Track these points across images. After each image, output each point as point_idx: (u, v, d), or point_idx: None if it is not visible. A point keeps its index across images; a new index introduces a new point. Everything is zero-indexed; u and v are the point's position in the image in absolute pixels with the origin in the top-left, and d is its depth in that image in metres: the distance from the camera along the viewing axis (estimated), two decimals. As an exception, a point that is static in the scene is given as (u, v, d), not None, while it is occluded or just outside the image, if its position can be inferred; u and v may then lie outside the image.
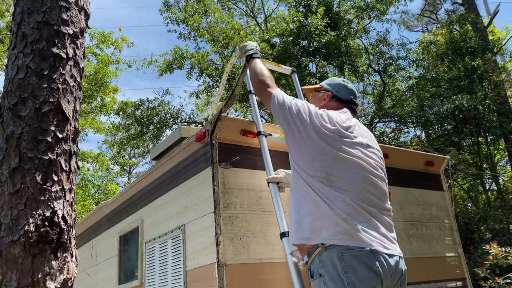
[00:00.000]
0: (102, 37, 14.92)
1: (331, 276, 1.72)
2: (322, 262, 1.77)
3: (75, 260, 1.58)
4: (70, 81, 1.73)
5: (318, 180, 1.88)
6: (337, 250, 1.74)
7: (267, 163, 2.72)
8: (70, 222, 1.56)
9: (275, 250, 2.83)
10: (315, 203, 1.86)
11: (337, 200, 1.82)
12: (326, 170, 1.88)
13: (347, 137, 1.97)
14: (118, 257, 4.13)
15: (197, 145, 3.02)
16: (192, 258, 2.91)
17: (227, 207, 2.78)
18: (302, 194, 1.94)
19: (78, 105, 1.77)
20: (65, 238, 1.50)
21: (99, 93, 14.86)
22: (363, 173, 1.92)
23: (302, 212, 1.91)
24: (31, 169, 1.51)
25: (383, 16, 16.32)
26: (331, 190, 1.84)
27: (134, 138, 14.91)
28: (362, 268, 1.70)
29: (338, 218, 1.78)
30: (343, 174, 1.87)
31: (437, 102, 10.40)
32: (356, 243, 1.74)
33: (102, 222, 4.80)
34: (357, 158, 1.93)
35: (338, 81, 2.37)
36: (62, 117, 1.65)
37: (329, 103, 2.29)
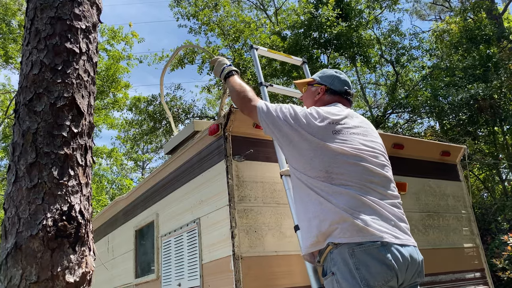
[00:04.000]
0: (112, 33, 15.00)
1: (344, 273, 1.68)
2: (334, 260, 1.73)
3: (93, 254, 1.59)
4: (84, 75, 1.73)
5: (319, 180, 1.83)
6: (347, 246, 1.70)
7: (280, 156, 2.71)
8: (87, 217, 1.56)
9: (291, 243, 2.82)
10: (319, 205, 1.81)
11: (342, 195, 1.77)
12: (326, 169, 1.83)
13: (340, 131, 1.92)
14: (134, 251, 4.17)
15: (211, 139, 3.02)
16: (208, 251, 2.92)
17: (241, 200, 2.77)
18: (305, 199, 1.90)
19: (92, 99, 1.77)
20: (82, 232, 1.51)
21: (111, 89, 14.96)
22: (363, 164, 1.86)
23: (308, 216, 1.86)
24: (47, 164, 1.52)
25: (394, 6, 16.11)
26: (333, 187, 1.80)
27: (147, 134, 15.01)
28: (374, 263, 1.65)
29: (345, 214, 1.73)
30: (343, 169, 1.82)
31: (452, 91, 10.23)
32: (366, 238, 1.68)
33: (117, 217, 4.85)
34: (354, 149, 1.88)
35: (330, 73, 2.31)
36: (77, 112, 1.66)
37: (323, 96, 2.23)
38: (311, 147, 1.89)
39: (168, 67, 13.80)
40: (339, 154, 1.85)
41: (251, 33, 12.12)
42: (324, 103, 2.17)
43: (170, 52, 15.11)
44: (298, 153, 1.93)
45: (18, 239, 1.43)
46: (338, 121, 1.96)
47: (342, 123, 1.96)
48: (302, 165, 1.92)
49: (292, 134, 1.95)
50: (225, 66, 2.49)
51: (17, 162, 1.55)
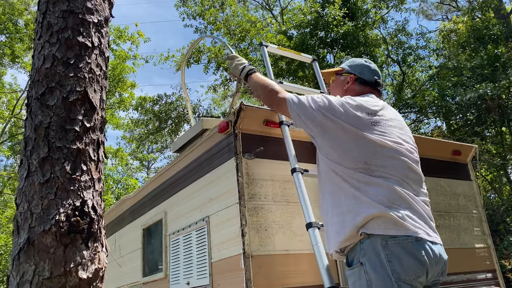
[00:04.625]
0: (118, 32, 15.03)
1: (374, 265, 1.64)
2: (364, 250, 1.68)
3: (105, 250, 1.57)
4: (96, 70, 1.71)
5: (357, 171, 1.78)
6: (380, 238, 1.66)
7: (290, 153, 2.68)
8: (99, 212, 1.54)
9: (302, 242, 2.79)
10: (353, 199, 1.76)
11: (380, 187, 1.73)
12: (365, 160, 1.78)
13: (379, 122, 1.86)
14: (142, 249, 4.15)
15: (220, 136, 2.99)
16: (217, 250, 2.90)
17: (251, 198, 2.74)
18: (337, 192, 1.84)
19: (104, 94, 1.75)
20: (95, 228, 1.49)
21: (117, 89, 14.99)
22: (402, 159, 1.82)
23: (341, 210, 1.80)
24: (60, 159, 1.50)
25: (401, 5, 16.04)
26: (372, 178, 1.75)
27: (153, 133, 15.02)
28: (407, 256, 1.62)
29: (381, 206, 1.69)
30: (382, 161, 1.78)
31: (460, 91, 10.15)
32: (401, 231, 1.65)
33: (124, 216, 4.84)
34: (394, 143, 1.83)
35: (360, 62, 2.24)
36: (89, 106, 1.64)
37: (353, 86, 2.17)
38: (349, 137, 1.83)
39: (174, 67, 13.82)
40: (379, 146, 1.80)
41: (257, 33, 12.09)
42: (354, 93, 2.09)
43: (176, 52, 15.14)
44: (335, 143, 1.87)
45: (31, 234, 1.41)
46: (376, 112, 1.90)
47: (379, 115, 1.90)
48: (338, 156, 1.85)
49: (328, 123, 1.88)
50: (246, 65, 2.44)
51: (29, 156, 1.53)
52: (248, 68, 2.41)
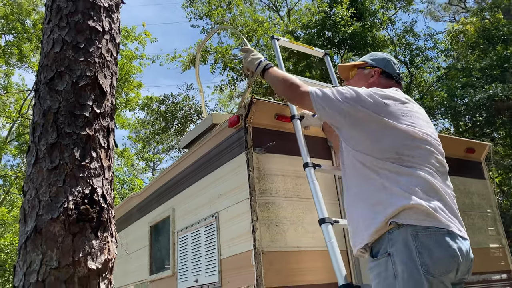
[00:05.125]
0: (125, 32, 15.03)
1: (402, 256, 1.56)
2: (393, 240, 1.60)
3: (115, 241, 1.51)
4: (107, 55, 1.65)
5: (388, 162, 1.71)
6: (411, 228, 1.58)
7: (302, 147, 2.61)
8: (109, 201, 1.48)
9: (314, 238, 2.72)
10: (383, 190, 1.69)
11: (413, 177, 1.67)
12: (396, 150, 1.72)
13: (408, 113, 1.82)
14: (149, 247, 4.09)
15: (230, 131, 2.93)
16: (227, 246, 2.83)
17: (262, 193, 2.68)
18: (365, 185, 1.77)
19: (115, 80, 1.70)
20: (105, 217, 1.43)
21: (124, 89, 14.99)
22: (431, 149, 1.77)
23: (370, 202, 1.73)
24: (69, 145, 1.45)
25: (409, 6, 15.94)
26: (403, 168, 1.69)
27: (159, 133, 15.00)
28: (438, 249, 1.54)
29: (413, 197, 1.62)
30: (414, 152, 1.72)
31: (470, 91, 10.03)
32: (433, 223, 1.58)
33: (131, 213, 4.79)
34: (423, 134, 1.78)
35: (383, 56, 2.21)
36: (100, 92, 1.58)
37: (378, 79, 2.11)
38: (379, 127, 1.77)
39: (181, 68, 13.79)
40: (410, 136, 1.75)
41: (264, 33, 12.04)
42: (380, 87, 2.03)
43: (183, 52, 15.11)
44: (364, 133, 1.81)
45: (38, 222, 1.35)
46: (405, 103, 1.86)
47: (407, 107, 1.86)
48: (367, 146, 1.79)
49: (357, 114, 1.82)
50: (262, 60, 2.39)
51: (37, 143, 1.47)
52: (264, 63, 2.36)
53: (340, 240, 2.83)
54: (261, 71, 2.35)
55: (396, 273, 1.55)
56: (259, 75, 2.40)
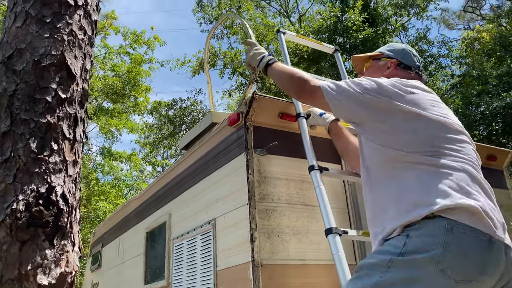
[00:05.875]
0: (135, 36, 14.96)
1: (421, 243, 1.30)
2: (421, 225, 1.35)
3: (78, 251, 1.26)
4: (79, 33, 1.42)
5: (424, 155, 1.49)
6: (447, 221, 1.32)
7: (308, 149, 2.36)
8: (72, 202, 1.24)
9: (320, 251, 2.45)
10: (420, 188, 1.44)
11: (453, 171, 1.43)
12: (431, 142, 1.50)
13: (436, 104, 1.61)
14: (145, 255, 3.85)
15: (230, 130, 2.69)
16: (224, 257, 2.57)
17: (263, 198, 2.42)
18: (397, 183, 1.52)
19: (89, 63, 1.46)
20: (64, 221, 1.19)
21: (132, 92, 14.87)
22: (467, 140, 1.56)
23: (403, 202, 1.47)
24: (24, 134, 1.21)
25: (422, 13, 15.66)
26: (442, 161, 1.46)
27: (167, 138, 14.83)
28: (469, 254, 1.27)
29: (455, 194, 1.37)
30: (450, 142, 1.51)
31: (486, 99, 9.69)
32: (478, 225, 1.31)
33: (129, 218, 4.56)
34: (458, 125, 1.58)
35: (401, 47, 2.00)
36: (67, 75, 1.35)
37: (395, 71, 1.91)
38: (408, 118, 1.56)
39: (190, 73, 13.63)
40: (445, 128, 1.55)
41: (274, 37, 11.83)
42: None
43: (192, 57, 14.97)
44: (391, 126, 1.59)
45: (-20, 226, 1.11)
46: (430, 93, 1.67)
47: (434, 98, 1.66)
48: (396, 140, 1.55)
49: (379, 105, 1.61)
50: (265, 55, 2.20)
51: (-12, 131, 1.24)
52: (267, 58, 2.17)
53: (349, 253, 2.56)
54: (264, 66, 2.16)
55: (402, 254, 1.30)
56: (261, 71, 2.21)
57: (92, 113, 14.93)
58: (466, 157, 1.49)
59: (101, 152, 17.15)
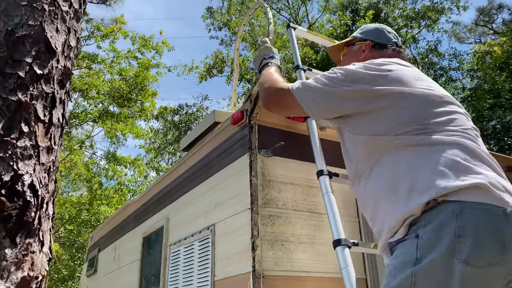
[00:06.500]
0: (143, 41, 14.90)
1: (434, 239, 1.16)
2: (427, 219, 1.20)
3: (48, 252, 1.08)
4: (63, 4, 1.26)
5: (411, 135, 1.34)
6: (454, 205, 1.17)
7: (317, 152, 2.17)
8: (43, 194, 1.06)
9: (326, 262, 2.25)
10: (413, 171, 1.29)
11: (448, 147, 1.29)
12: (420, 120, 1.35)
13: (420, 78, 1.48)
14: (140, 261, 3.66)
15: (233, 129, 2.51)
16: (222, 266, 2.38)
17: (266, 203, 2.23)
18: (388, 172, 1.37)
19: (73, 40, 1.29)
20: (30, 216, 1.01)
21: (138, 97, 14.77)
22: (459, 112, 1.40)
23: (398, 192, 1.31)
24: (-11, 113, 1.04)
25: (433, 25, 15.50)
26: (434, 139, 1.31)
27: (172, 143, 14.69)
28: (487, 234, 1.13)
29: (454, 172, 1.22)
30: (441, 117, 1.36)
31: (498, 112, 9.46)
32: (486, 198, 1.17)
33: (127, 222, 4.37)
34: (446, 96, 1.43)
35: (373, 27, 1.88)
36: (46, 49, 1.18)
37: (371, 53, 1.78)
38: (393, 99, 1.41)
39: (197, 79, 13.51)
40: (433, 101, 1.40)
41: (283, 44, 11.71)
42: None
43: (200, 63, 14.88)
44: (375, 113, 1.43)
45: None
46: (409, 67, 1.53)
47: (414, 71, 1.52)
48: (382, 126, 1.40)
49: (360, 94, 1.46)
50: (266, 57, 2.02)
51: (-52, 109, 1.07)
52: (264, 62, 1.99)
53: (359, 266, 2.36)
54: (259, 71, 2.00)
55: (419, 260, 1.15)
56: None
57: (98, 116, 14.84)
58: (460, 129, 1.33)
59: (106, 156, 17.02)
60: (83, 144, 16.95)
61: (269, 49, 2.11)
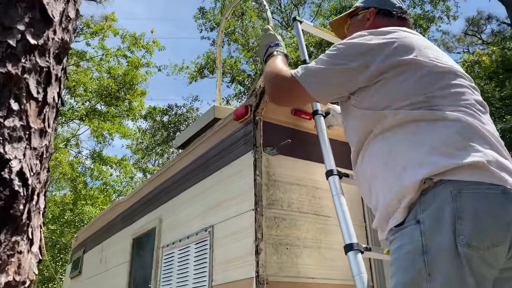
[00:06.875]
0: (134, 39, 14.68)
1: (436, 223, 1.12)
2: (425, 203, 1.16)
3: (38, 253, 0.93)
4: (62, -31, 1.10)
5: (412, 109, 1.28)
6: (453, 185, 1.14)
7: (326, 151, 2.03)
8: (34, 184, 0.91)
9: (333, 268, 2.11)
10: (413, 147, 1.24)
11: (450, 122, 1.23)
12: (424, 92, 1.29)
13: (428, 46, 1.39)
14: (130, 263, 3.47)
15: (236, 125, 2.36)
16: (221, 270, 2.22)
17: (271, 204, 2.09)
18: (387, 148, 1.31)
19: (73, 11, 1.14)
20: (19, 209, 0.85)
21: (127, 96, 14.51)
22: (465, 85, 1.32)
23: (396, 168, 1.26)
24: (-28, 86, 0.88)
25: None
26: (435, 114, 1.25)
27: (160, 144, 14.45)
28: (487, 214, 1.10)
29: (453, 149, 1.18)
30: (446, 90, 1.29)
31: (490, 121, 9.50)
32: (485, 177, 1.13)
33: (115, 222, 4.18)
34: (452, 67, 1.35)
35: None
36: (41, 16, 1.02)
37: (376, 21, 1.68)
38: (401, 70, 1.33)
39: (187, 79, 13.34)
40: (441, 73, 1.32)
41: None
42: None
43: (191, 64, 14.72)
44: (381, 87, 1.35)
45: None
46: (417, 35, 1.45)
47: (423, 39, 1.44)
48: (386, 98, 1.33)
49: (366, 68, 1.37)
50: (271, 45, 1.90)
51: None
52: (270, 51, 1.87)
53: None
54: (264, 61, 1.87)
55: (426, 247, 1.11)
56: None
57: (84, 114, 14.54)
58: (464, 104, 1.27)
59: (91, 155, 16.68)
60: (68, 143, 16.58)
61: (273, 36, 2.00)
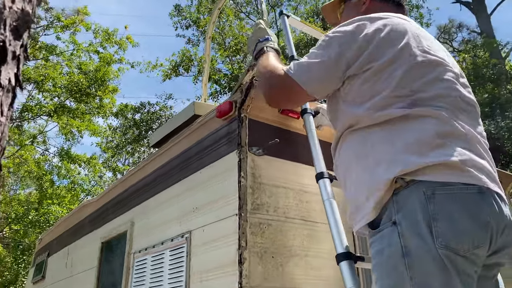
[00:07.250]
0: (107, 35, 14.24)
1: (412, 224, 1.11)
2: (399, 203, 1.16)
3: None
4: None
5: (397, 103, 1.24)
6: (425, 185, 1.13)
7: (316, 152, 1.88)
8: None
9: (319, 278, 1.97)
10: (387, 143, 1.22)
11: (430, 119, 1.20)
12: (410, 85, 1.25)
13: (420, 34, 1.35)
14: (97, 269, 3.24)
15: (219, 122, 2.19)
16: (199, 280, 2.04)
17: (256, 209, 1.92)
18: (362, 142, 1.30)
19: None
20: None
21: (98, 93, 14.05)
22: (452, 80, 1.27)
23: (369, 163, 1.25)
24: None
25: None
26: (415, 110, 1.22)
27: (131, 143, 14.06)
28: (463, 216, 1.09)
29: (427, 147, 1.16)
30: (431, 86, 1.25)
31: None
32: (458, 177, 1.12)
33: (83, 224, 3.92)
34: (444, 60, 1.31)
35: None
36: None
37: (371, 5, 1.61)
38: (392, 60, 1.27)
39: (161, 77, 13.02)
40: (429, 65, 1.28)
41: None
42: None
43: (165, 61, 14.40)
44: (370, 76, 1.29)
45: None
46: (412, 23, 1.41)
47: (417, 27, 1.40)
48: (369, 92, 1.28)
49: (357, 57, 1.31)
50: (259, 41, 1.80)
51: None
52: (259, 47, 1.77)
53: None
54: (254, 59, 1.78)
55: (407, 248, 1.10)
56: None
57: (53, 110, 13.98)
58: (448, 101, 1.24)
59: (59, 153, 16.05)
60: (35, 140, 15.90)
61: (264, 31, 1.88)
